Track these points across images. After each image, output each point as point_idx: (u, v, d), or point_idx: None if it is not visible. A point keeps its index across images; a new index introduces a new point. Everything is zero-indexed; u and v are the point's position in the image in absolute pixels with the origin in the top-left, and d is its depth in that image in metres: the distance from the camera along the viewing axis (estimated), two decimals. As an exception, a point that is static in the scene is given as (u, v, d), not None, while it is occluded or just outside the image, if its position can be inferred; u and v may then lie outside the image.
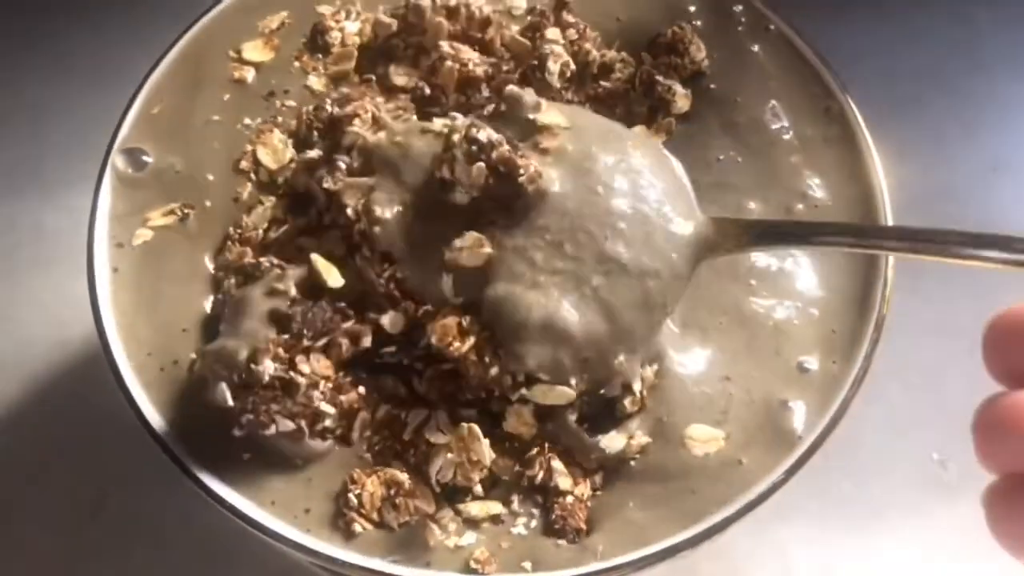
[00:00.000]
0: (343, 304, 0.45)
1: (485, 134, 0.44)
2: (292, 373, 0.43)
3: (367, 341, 0.46)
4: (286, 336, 0.43)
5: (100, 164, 0.52)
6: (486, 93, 0.52)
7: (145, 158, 0.52)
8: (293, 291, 0.44)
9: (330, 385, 0.44)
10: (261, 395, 0.43)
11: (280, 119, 0.54)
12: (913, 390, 0.65)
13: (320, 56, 0.56)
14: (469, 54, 0.52)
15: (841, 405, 0.46)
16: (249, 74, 0.55)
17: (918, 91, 0.74)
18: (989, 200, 0.71)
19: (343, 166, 0.47)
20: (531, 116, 0.47)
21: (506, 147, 0.44)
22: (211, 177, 0.52)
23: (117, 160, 0.52)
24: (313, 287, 0.45)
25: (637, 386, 0.46)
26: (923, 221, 0.69)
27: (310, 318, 0.43)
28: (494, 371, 0.44)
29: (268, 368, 0.42)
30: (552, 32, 0.54)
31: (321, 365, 0.44)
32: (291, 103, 0.54)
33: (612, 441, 0.46)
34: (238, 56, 0.56)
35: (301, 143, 0.53)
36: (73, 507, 0.64)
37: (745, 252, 0.47)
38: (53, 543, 0.63)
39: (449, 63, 0.52)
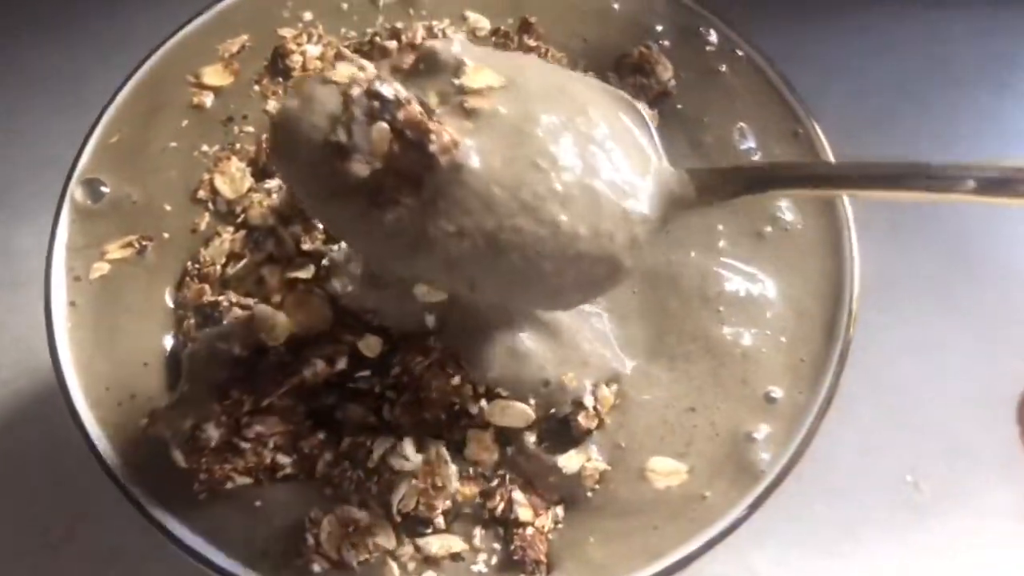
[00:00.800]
0: (289, 359, 0.44)
1: (391, 89, 0.37)
2: (236, 439, 0.42)
3: (342, 363, 0.45)
4: (227, 402, 0.42)
5: (59, 194, 0.51)
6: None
7: (103, 188, 0.52)
8: (237, 350, 0.43)
9: (282, 440, 0.44)
10: (212, 457, 0.42)
11: (238, 146, 0.53)
12: (886, 410, 0.64)
13: (281, 80, 0.55)
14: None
15: (805, 437, 0.46)
16: (208, 99, 0.54)
17: (892, 104, 0.73)
18: (963, 216, 0.70)
19: (321, 226, 0.47)
20: (455, 81, 0.39)
21: (416, 107, 0.37)
22: (168, 207, 0.51)
23: (75, 192, 0.51)
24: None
25: (588, 401, 0.46)
26: (897, 239, 0.69)
27: (249, 384, 0.42)
28: (456, 380, 0.45)
29: (213, 435, 0.42)
30: (513, 58, 0.53)
31: (267, 425, 0.43)
32: (250, 129, 0.54)
33: (569, 461, 0.45)
34: (197, 80, 0.55)
35: (260, 172, 0.52)
36: (42, 537, 0.63)
37: (723, 202, 0.41)
38: (22, 573, 0.62)
39: None
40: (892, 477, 0.63)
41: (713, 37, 0.56)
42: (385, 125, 0.36)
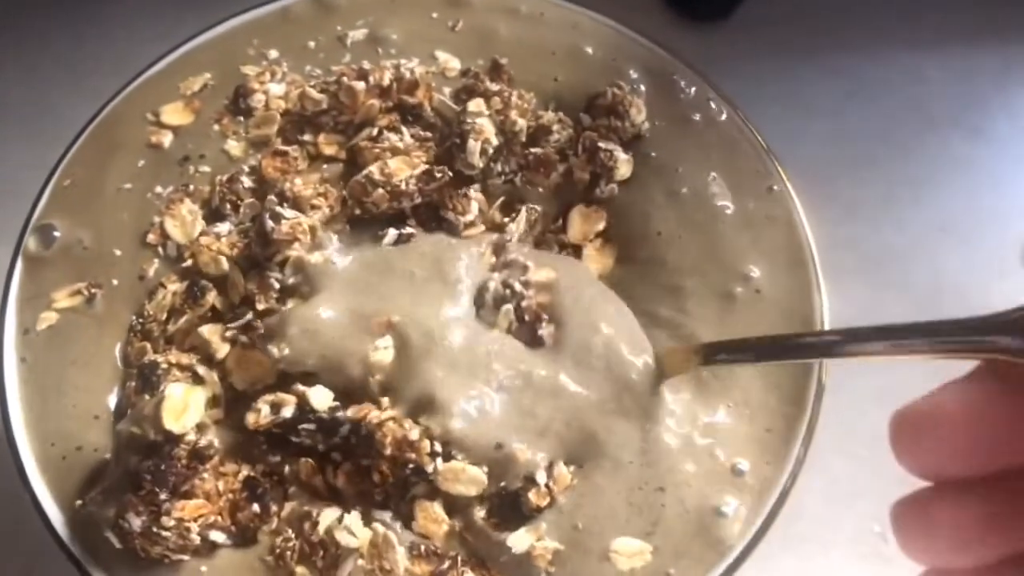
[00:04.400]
0: (207, 442, 0.43)
1: (520, 284, 0.48)
2: (155, 528, 0.41)
3: (288, 411, 0.44)
4: (142, 492, 0.41)
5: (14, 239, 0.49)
6: (417, 200, 0.50)
7: (55, 233, 0.49)
8: (152, 435, 0.42)
9: (212, 517, 0.42)
10: (142, 540, 0.41)
11: (192, 187, 0.51)
12: (855, 461, 0.63)
13: (242, 119, 0.53)
14: (400, 170, 0.49)
15: (772, 511, 0.45)
16: (166, 138, 0.52)
17: (868, 148, 0.72)
18: (936, 262, 0.70)
19: (276, 284, 0.46)
20: (523, 278, 0.49)
21: (534, 300, 0.47)
22: (118, 252, 0.49)
23: (28, 242, 0.49)
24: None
25: (541, 477, 0.44)
26: (870, 283, 0.69)
27: (161, 475, 0.41)
28: (414, 434, 0.43)
29: (135, 523, 0.41)
30: (474, 104, 0.51)
31: (188, 510, 0.42)
32: (205, 169, 0.52)
33: (518, 540, 0.43)
34: (156, 119, 0.53)
35: (212, 214, 0.50)
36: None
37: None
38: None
39: (381, 191, 0.49)
40: (860, 528, 0.63)
41: (687, 85, 0.55)
42: (510, 307, 0.47)
